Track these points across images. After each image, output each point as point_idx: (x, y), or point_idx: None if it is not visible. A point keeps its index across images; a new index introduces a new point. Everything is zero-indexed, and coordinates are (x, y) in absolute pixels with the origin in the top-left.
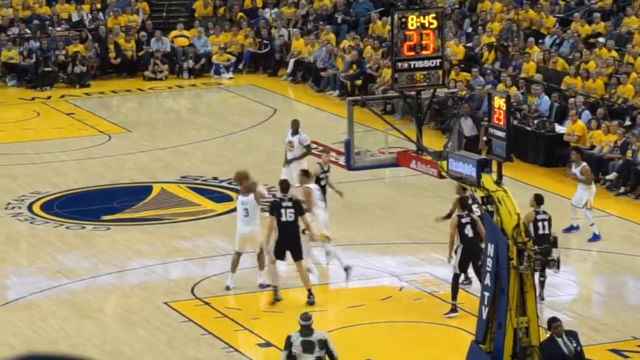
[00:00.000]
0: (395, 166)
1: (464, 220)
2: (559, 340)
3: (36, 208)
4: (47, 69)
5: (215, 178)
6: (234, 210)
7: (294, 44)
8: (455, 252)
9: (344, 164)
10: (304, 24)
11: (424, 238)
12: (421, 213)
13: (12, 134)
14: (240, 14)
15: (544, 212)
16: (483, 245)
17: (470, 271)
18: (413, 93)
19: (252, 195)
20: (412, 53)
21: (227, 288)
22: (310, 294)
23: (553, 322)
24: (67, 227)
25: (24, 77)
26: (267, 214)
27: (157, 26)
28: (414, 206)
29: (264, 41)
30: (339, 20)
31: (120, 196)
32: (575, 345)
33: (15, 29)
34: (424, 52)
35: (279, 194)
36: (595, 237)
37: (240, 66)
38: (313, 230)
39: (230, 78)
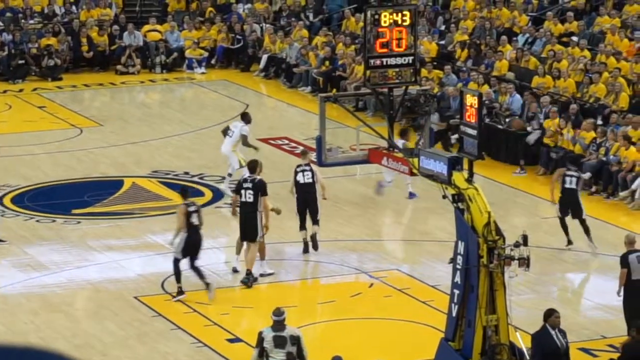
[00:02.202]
0: (367, 163)
1: (190, 209)
2: (553, 332)
3: (7, 201)
4: (19, 62)
5: (186, 173)
6: (205, 205)
7: (266, 39)
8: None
9: (315, 160)
10: (277, 19)
11: (394, 235)
12: (392, 210)
13: None
14: (213, 9)
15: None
16: None
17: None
18: (385, 90)
19: None
20: (385, 50)
21: (234, 270)
22: (249, 273)
23: (552, 313)
24: (37, 221)
25: None
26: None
27: (130, 20)
28: (384, 203)
29: (237, 36)
30: (310, 17)
31: (92, 190)
32: (565, 341)
33: None
34: (396, 49)
35: (247, 174)
36: None
37: (213, 61)
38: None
39: (203, 73)
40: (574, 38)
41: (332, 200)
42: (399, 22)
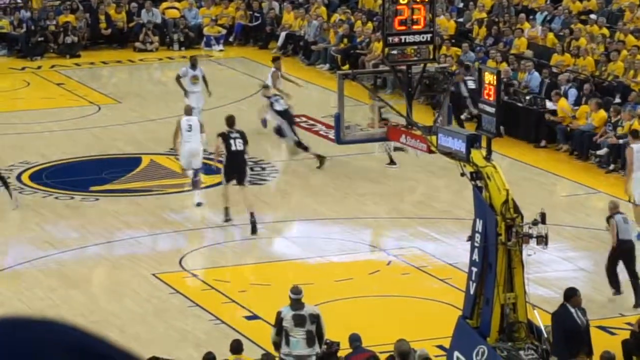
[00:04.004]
0: (385, 140)
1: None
2: (573, 310)
3: (25, 178)
4: (37, 39)
5: (204, 150)
6: (220, 183)
7: (284, 17)
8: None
9: (333, 137)
10: None
11: (412, 213)
12: (410, 188)
13: (2, 103)
14: None
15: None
16: None
17: None
18: (403, 68)
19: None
20: (403, 27)
21: (198, 204)
22: (252, 215)
23: (573, 293)
24: (55, 198)
25: (14, 47)
26: None
27: None
28: (403, 181)
29: (255, 14)
30: None
31: (109, 167)
32: (586, 319)
33: None
34: (414, 27)
35: (226, 128)
36: None
37: (231, 39)
38: None
39: (221, 50)
40: (593, 16)
41: (350, 177)
42: None
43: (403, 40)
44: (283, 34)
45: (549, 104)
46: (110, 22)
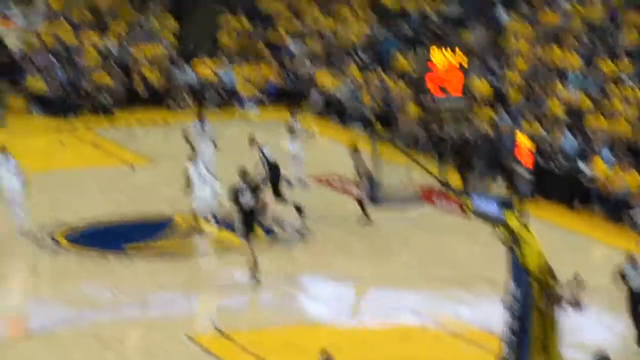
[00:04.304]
0: (420, 202)
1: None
2: None
3: (59, 237)
4: (72, 99)
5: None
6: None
7: (319, 77)
8: None
9: (368, 199)
10: (330, 58)
11: (446, 275)
12: (444, 250)
13: (37, 163)
14: (266, 46)
15: None
16: None
17: None
18: (437, 129)
19: None
20: (438, 89)
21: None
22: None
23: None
24: (90, 257)
25: (49, 107)
26: None
27: (183, 57)
28: (437, 243)
29: (289, 74)
30: (363, 56)
31: (143, 227)
32: None
33: (42, 58)
34: (449, 89)
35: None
36: None
37: (265, 99)
38: None
39: (255, 111)
40: (626, 77)
41: (385, 239)
42: (452, 61)
43: (437, 102)
44: (317, 95)
45: (583, 167)
46: (145, 82)
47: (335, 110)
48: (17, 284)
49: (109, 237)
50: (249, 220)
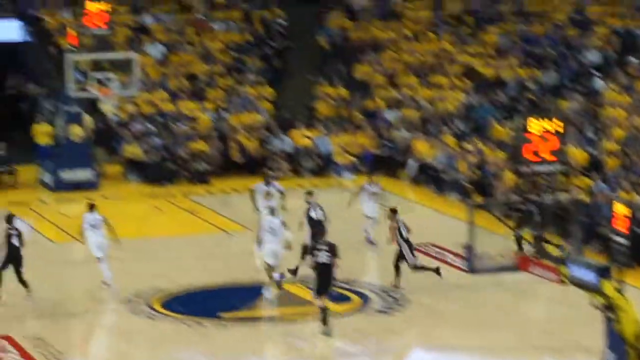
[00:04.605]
0: (516, 270)
1: None
2: None
3: (156, 304)
4: (169, 166)
5: (333, 279)
6: (352, 312)
7: (415, 145)
8: None
9: (464, 267)
10: (425, 126)
11: (540, 343)
12: (540, 318)
13: (133, 229)
14: (362, 115)
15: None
16: None
17: None
18: (534, 197)
19: None
20: (534, 157)
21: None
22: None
23: None
24: (186, 324)
25: (146, 173)
26: None
27: (279, 125)
28: (532, 311)
29: (386, 142)
30: (458, 125)
31: (239, 294)
32: None
33: (139, 125)
34: (545, 157)
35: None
36: None
37: (361, 166)
38: None
39: (351, 179)
40: None
41: (482, 307)
42: (548, 129)
43: (534, 171)
44: (413, 163)
45: None
46: (242, 150)
47: (431, 178)
48: (113, 351)
49: (204, 304)
50: (324, 278)
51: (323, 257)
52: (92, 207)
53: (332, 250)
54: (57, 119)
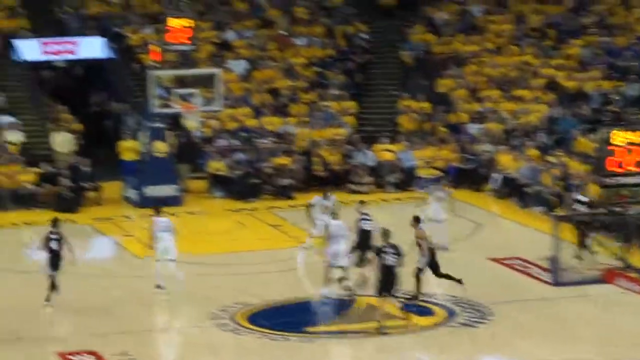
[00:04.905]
0: (601, 283)
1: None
2: None
3: (240, 319)
4: (253, 181)
5: (397, 280)
6: (437, 325)
7: (499, 159)
8: None
9: (549, 280)
10: (509, 139)
11: (626, 356)
12: (625, 331)
13: (218, 244)
14: (445, 129)
15: None
16: None
17: None
18: (619, 209)
19: None
20: (618, 169)
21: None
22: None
23: None
24: (271, 339)
25: (230, 188)
26: None
27: (362, 139)
28: (618, 323)
29: (469, 156)
30: (542, 137)
31: (324, 308)
32: None
33: (223, 140)
34: (630, 169)
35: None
36: None
37: (444, 180)
38: None
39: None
40: None
41: (566, 320)
42: (633, 141)
43: (618, 182)
44: (497, 176)
45: None
46: (325, 164)
47: (515, 191)
48: None
49: (289, 318)
50: (389, 280)
51: (390, 259)
52: (158, 212)
53: (398, 252)
54: (140, 135)
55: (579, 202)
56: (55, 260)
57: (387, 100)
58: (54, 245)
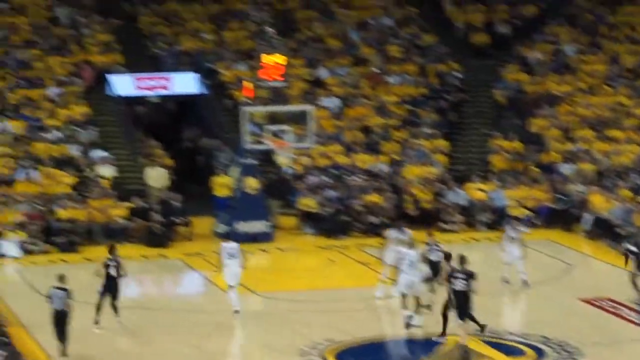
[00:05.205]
0: None
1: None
2: None
3: (329, 356)
4: (343, 218)
5: (510, 333)
6: None
7: (591, 199)
8: None
9: (638, 321)
10: (601, 180)
11: None
12: None
13: (308, 281)
14: (537, 169)
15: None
16: None
17: None
18: None
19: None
20: None
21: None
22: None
23: None
24: None
25: (320, 225)
26: None
27: (454, 178)
28: None
29: (561, 196)
30: (635, 178)
31: (415, 347)
32: None
33: (314, 177)
34: None
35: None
36: None
37: (537, 221)
38: None
39: (526, 232)
40: None
41: None
42: None
43: None
44: (589, 217)
45: None
46: (416, 202)
47: (606, 232)
48: None
49: (377, 356)
50: (462, 305)
51: (460, 284)
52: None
53: (470, 277)
54: (232, 171)
55: (630, 251)
56: (112, 285)
57: (479, 139)
58: (112, 271)
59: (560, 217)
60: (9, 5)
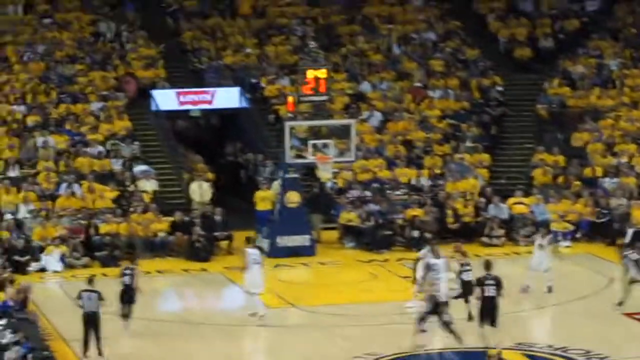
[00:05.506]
0: None
1: None
2: None
3: None
4: (385, 232)
5: (550, 346)
6: None
7: (634, 213)
8: None
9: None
10: None
11: None
12: None
13: (349, 295)
14: (579, 182)
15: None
16: None
17: None
18: None
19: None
20: None
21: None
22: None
23: None
24: None
25: (362, 239)
26: None
27: (496, 192)
28: None
29: (603, 210)
30: None
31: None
32: None
33: (355, 191)
34: None
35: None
36: None
37: (578, 235)
38: None
39: (568, 246)
40: None
41: None
42: None
43: None
44: (631, 231)
45: None
46: (457, 217)
47: None
48: None
49: None
50: (489, 310)
51: (490, 290)
52: (250, 242)
53: (499, 284)
54: (274, 185)
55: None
56: (127, 293)
57: (521, 154)
58: (127, 280)
59: (602, 231)
60: (52, 21)
